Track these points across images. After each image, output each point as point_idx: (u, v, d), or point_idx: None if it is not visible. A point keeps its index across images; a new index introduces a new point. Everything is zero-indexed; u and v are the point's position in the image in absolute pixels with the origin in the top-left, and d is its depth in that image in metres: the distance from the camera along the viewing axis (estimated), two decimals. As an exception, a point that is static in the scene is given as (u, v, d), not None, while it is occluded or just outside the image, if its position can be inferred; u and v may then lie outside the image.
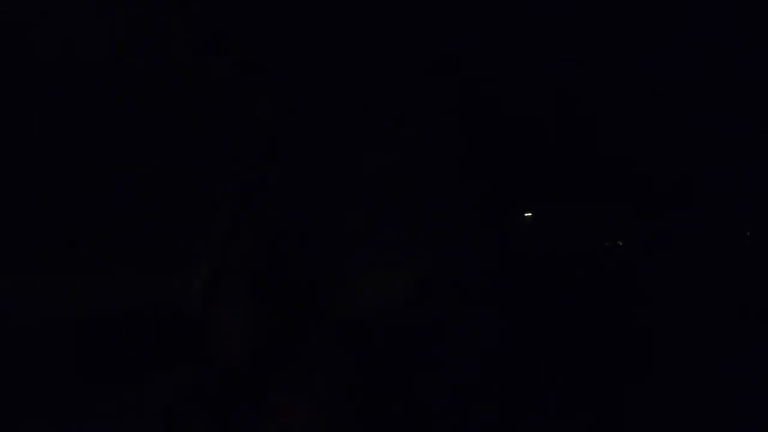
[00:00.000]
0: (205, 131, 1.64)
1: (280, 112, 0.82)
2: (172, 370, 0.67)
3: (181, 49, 1.60)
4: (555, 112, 1.94)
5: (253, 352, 0.69)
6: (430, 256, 0.76)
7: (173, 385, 0.66)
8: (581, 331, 1.88)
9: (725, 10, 1.69)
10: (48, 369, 1.51)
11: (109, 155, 1.69)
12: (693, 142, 2.05)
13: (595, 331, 1.92)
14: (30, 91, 1.64)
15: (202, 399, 0.67)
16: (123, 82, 1.65)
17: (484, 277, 0.82)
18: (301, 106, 0.80)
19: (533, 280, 1.92)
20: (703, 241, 2.17)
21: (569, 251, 2.20)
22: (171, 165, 1.69)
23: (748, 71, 1.86)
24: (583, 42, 1.77)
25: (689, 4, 1.69)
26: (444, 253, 0.77)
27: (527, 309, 0.93)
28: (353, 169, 0.73)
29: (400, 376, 0.74)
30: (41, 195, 1.68)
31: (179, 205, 1.67)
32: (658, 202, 2.26)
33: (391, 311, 0.74)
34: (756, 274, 2.07)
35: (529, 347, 0.83)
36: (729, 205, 2.16)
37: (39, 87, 1.64)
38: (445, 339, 0.77)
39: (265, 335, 0.70)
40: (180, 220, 1.64)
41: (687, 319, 1.97)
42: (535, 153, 1.97)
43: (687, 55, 1.82)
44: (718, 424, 1.71)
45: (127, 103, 1.66)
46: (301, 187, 0.75)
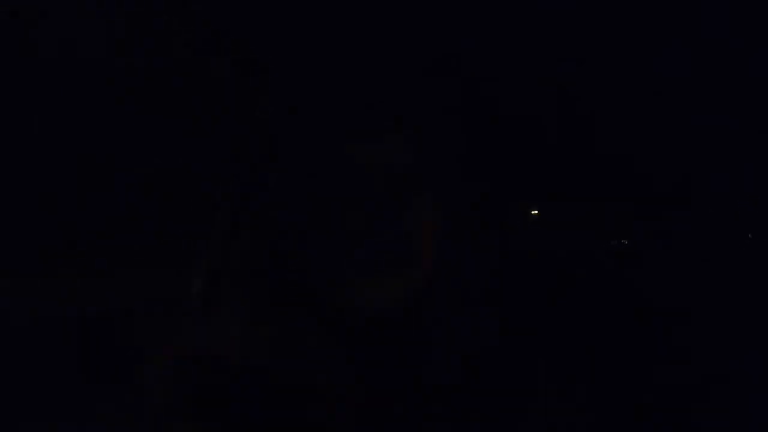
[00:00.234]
0: (205, 131, 1.64)
1: (280, 112, 0.82)
2: (172, 369, 0.67)
3: (181, 49, 1.61)
4: (555, 111, 1.94)
5: (252, 352, 0.69)
6: (430, 256, 0.76)
7: (173, 385, 0.66)
8: (581, 331, 1.88)
9: (725, 10, 1.69)
10: (48, 369, 1.51)
11: (109, 155, 1.70)
12: (693, 142, 2.05)
13: (596, 331, 1.92)
14: (29, 91, 1.64)
15: (202, 399, 0.68)
16: (123, 82, 1.65)
17: (484, 277, 0.82)
18: (301, 106, 0.80)
19: (534, 280, 1.92)
20: (703, 241, 2.17)
21: (569, 251, 2.21)
22: (171, 165, 1.69)
23: (748, 71, 1.86)
24: (583, 42, 1.77)
25: (689, 4, 1.69)
26: (444, 253, 0.77)
27: (527, 309, 0.93)
28: (353, 169, 0.73)
29: (400, 376, 0.74)
30: (41, 195, 1.68)
31: (179, 205, 1.67)
32: (658, 202, 2.26)
33: (391, 311, 0.74)
34: (756, 274, 2.07)
35: (529, 347, 0.83)
36: (729, 205, 2.17)
37: (38, 87, 1.64)
38: (445, 339, 0.77)
39: (264, 335, 0.70)
40: (180, 220, 1.64)
41: (687, 319, 1.97)
42: (535, 153, 1.97)
43: (687, 55, 1.82)
44: (718, 424, 1.72)
45: (127, 103, 1.66)
46: (301, 187, 0.74)
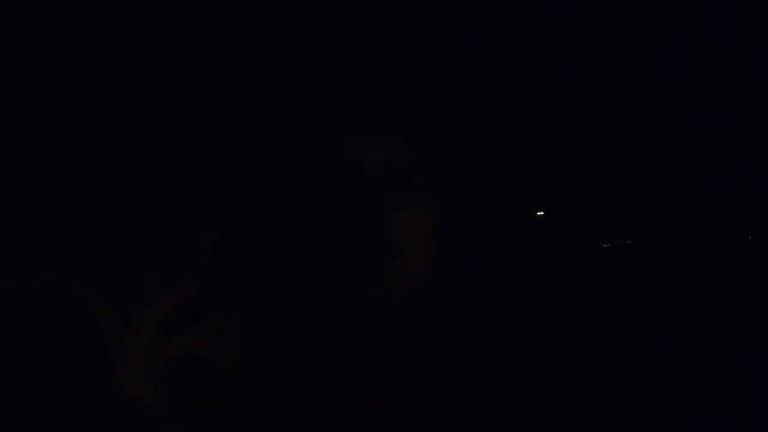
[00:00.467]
0: (205, 131, 1.64)
1: (280, 112, 0.82)
2: (171, 369, 0.67)
3: (181, 49, 1.61)
4: (555, 111, 1.94)
5: (252, 352, 0.69)
6: (430, 255, 0.76)
7: (173, 385, 0.66)
8: (582, 331, 1.88)
9: (725, 10, 1.69)
10: (48, 369, 1.51)
11: (109, 155, 1.70)
12: (693, 142, 2.05)
13: (596, 331, 1.92)
14: (29, 91, 1.64)
15: (202, 398, 0.68)
16: (123, 82, 1.65)
17: (484, 277, 0.82)
18: (301, 106, 0.80)
19: (534, 280, 1.92)
20: (703, 241, 2.17)
21: (569, 251, 2.21)
22: (171, 165, 1.69)
23: (748, 71, 1.86)
24: (583, 42, 1.78)
25: (689, 4, 1.70)
26: (444, 253, 0.77)
27: (528, 309, 0.93)
28: (353, 169, 0.73)
29: (400, 376, 0.74)
30: (41, 195, 1.68)
31: (179, 205, 1.67)
32: (658, 202, 2.26)
33: (390, 311, 0.74)
34: (756, 274, 2.07)
35: (529, 347, 0.83)
36: (729, 205, 2.17)
37: (38, 87, 1.64)
38: (445, 339, 0.77)
39: (264, 335, 0.70)
40: (180, 220, 1.64)
41: (686, 319, 1.97)
42: (535, 153, 1.97)
43: (687, 55, 1.82)
44: (718, 425, 1.72)
45: (127, 103, 1.66)
46: (301, 187, 0.75)
